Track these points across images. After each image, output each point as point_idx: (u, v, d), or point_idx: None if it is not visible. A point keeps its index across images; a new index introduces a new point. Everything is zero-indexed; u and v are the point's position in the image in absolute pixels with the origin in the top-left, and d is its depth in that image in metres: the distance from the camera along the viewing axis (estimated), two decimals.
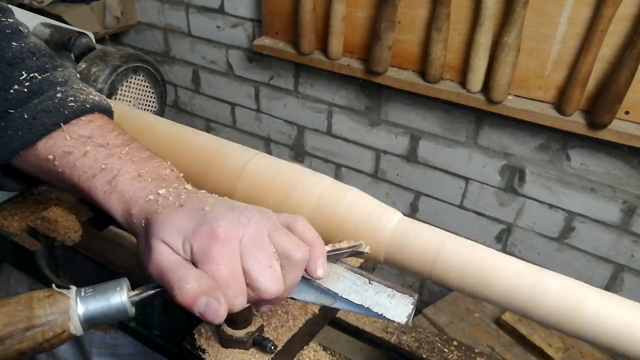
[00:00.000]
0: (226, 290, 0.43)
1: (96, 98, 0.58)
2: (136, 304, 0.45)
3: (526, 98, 1.47)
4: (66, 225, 0.93)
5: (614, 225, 1.54)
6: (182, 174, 0.53)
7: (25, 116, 0.53)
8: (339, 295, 0.52)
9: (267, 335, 0.66)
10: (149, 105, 1.10)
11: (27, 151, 0.54)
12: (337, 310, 0.79)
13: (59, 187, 0.56)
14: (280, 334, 0.68)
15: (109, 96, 0.99)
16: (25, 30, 0.60)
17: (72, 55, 1.04)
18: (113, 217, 0.50)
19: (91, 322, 0.43)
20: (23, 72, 0.55)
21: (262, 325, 0.66)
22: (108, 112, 0.59)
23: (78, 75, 0.62)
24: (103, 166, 0.51)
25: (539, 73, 1.42)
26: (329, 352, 0.72)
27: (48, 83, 0.56)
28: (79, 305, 0.43)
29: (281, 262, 0.45)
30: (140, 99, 1.07)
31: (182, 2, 2.12)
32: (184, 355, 0.67)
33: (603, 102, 1.31)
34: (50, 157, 0.53)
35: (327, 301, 0.54)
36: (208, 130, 2.40)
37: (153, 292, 0.45)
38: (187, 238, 0.44)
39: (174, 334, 0.79)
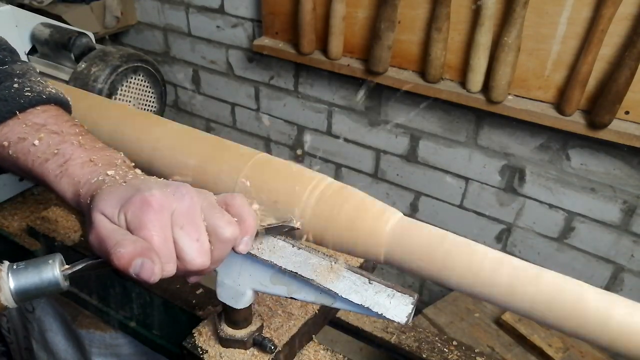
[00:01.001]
0: (159, 256, 0.45)
1: (52, 90, 0.60)
2: (71, 278, 0.46)
3: (526, 98, 1.47)
4: (66, 225, 0.93)
5: (614, 225, 1.54)
6: (133, 164, 0.55)
7: None
8: (339, 295, 0.52)
9: (267, 335, 0.66)
10: (149, 105, 1.10)
11: None
12: (337, 310, 0.79)
13: (14, 173, 0.59)
14: (280, 334, 0.68)
15: (109, 96, 0.99)
16: None
17: (72, 55, 1.04)
18: (64, 199, 0.52)
19: (22, 295, 0.45)
20: None
21: (262, 325, 0.66)
22: (65, 105, 0.62)
23: (37, 70, 0.65)
24: (55, 151, 0.53)
25: (539, 73, 1.42)
26: (329, 352, 0.72)
27: (6, 74, 0.59)
28: (10, 278, 0.44)
29: (210, 238, 0.47)
30: (140, 99, 1.07)
31: (182, 2, 2.12)
32: (184, 355, 0.67)
33: (603, 102, 1.31)
34: (5, 143, 0.55)
35: (327, 301, 0.54)
36: (208, 130, 2.40)
37: (86, 264, 0.47)
38: (122, 208, 0.46)
39: (174, 334, 0.79)
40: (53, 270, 0.45)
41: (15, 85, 0.58)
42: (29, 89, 0.58)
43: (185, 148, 0.68)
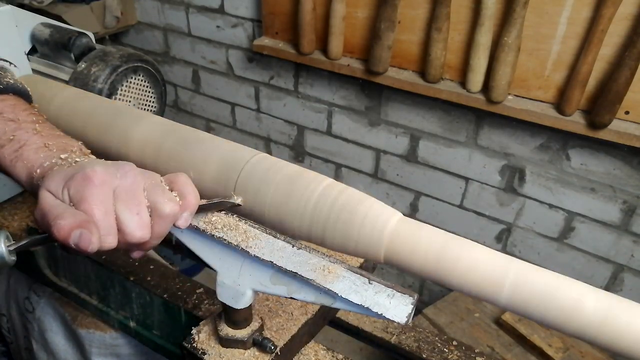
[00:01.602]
0: (97, 228, 0.46)
1: (11, 81, 0.62)
2: (17, 252, 0.48)
3: (526, 98, 1.47)
4: None
5: (614, 225, 1.54)
6: (90, 152, 0.57)
7: None
8: (339, 295, 0.52)
9: (267, 335, 0.66)
10: (149, 105, 1.10)
11: None
12: (337, 310, 0.79)
13: None
14: (280, 334, 0.68)
15: (109, 96, 0.99)
16: None
17: (72, 55, 1.04)
18: (19, 183, 0.54)
19: None
20: None
21: (262, 325, 0.66)
22: (24, 95, 0.63)
23: (1, 63, 0.65)
24: (11, 137, 0.55)
25: (539, 73, 1.42)
26: (329, 352, 0.72)
27: None
28: None
29: (151, 214, 0.49)
30: (140, 99, 1.07)
31: (182, 2, 2.12)
32: (184, 355, 0.67)
33: (603, 102, 1.31)
34: None
35: (327, 301, 0.54)
36: (208, 130, 2.40)
37: (30, 239, 0.48)
38: (66, 184, 0.48)
39: (174, 334, 0.79)
40: None
41: None
42: None
43: (180, 151, 0.68)
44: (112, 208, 0.47)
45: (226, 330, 0.65)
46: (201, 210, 0.54)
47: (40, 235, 0.48)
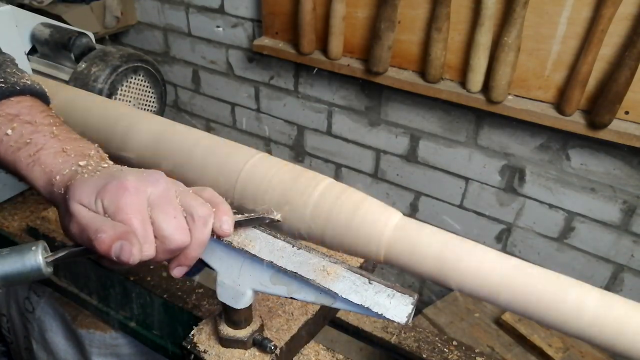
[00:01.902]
0: (137, 238, 0.46)
1: (28, 82, 0.60)
2: (54, 265, 0.47)
3: (526, 98, 1.47)
4: None
5: (614, 225, 1.54)
6: (107, 155, 0.56)
7: None
8: (339, 295, 0.52)
9: (267, 335, 0.66)
10: (149, 105, 1.10)
11: None
12: (337, 310, 0.79)
13: None
14: (280, 334, 0.68)
15: (109, 96, 0.99)
16: None
17: (72, 55, 1.04)
18: (36, 188, 0.53)
19: (5, 280, 0.46)
20: None
21: (262, 325, 0.66)
22: (41, 96, 0.62)
23: (15, 60, 0.65)
24: (28, 140, 0.54)
25: (539, 73, 1.42)
26: (329, 352, 0.72)
27: None
28: None
29: (187, 218, 0.49)
30: (140, 99, 1.07)
31: (182, 2, 2.12)
32: (184, 355, 0.67)
33: (603, 102, 1.31)
34: None
35: (327, 301, 0.54)
36: (208, 130, 2.40)
37: (68, 251, 0.48)
38: (98, 194, 0.47)
39: (174, 334, 0.79)
40: (36, 257, 0.46)
41: None
42: (2, 80, 0.58)
43: (180, 151, 0.68)
44: (148, 216, 0.47)
45: (226, 330, 0.65)
46: (239, 226, 0.53)
47: (78, 248, 0.47)
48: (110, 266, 0.48)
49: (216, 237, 0.52)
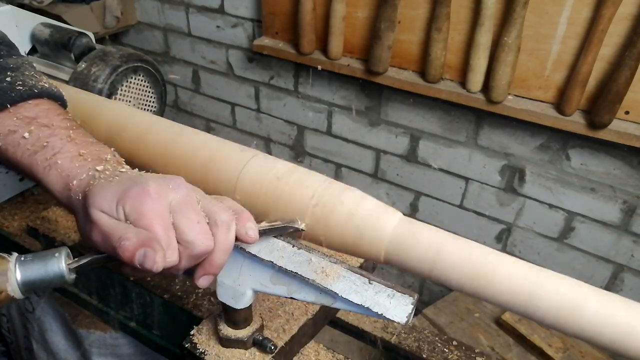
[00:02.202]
0: (161, 245, 0.45)
1: (46, 85, 0.60)
2: (76, 271, 0.47)
3: (526, 98, 1.47)
4: (66, 225, 0.93)
5: (614, 225, 1.54)
6: (123, 160, 0.55)
7: None
8: (339, 295, 0.52)
9: (267, 335, 0.66)
10: (149, 105, 1.10)
11: None
12: (337, 310, 0.79)
13: (4, 166, 0.58)
14: (280, 334, 0.68)
15: (109, 96, 0.99)
16: None
17: (72, 55, 1.04)
18: (51, 193, 0.52)
19: (29, 286, 0.45)
20: None
21: (262, 325, 0.66)
22: (58, 99, 0.61)
23: (34, 64, 0.64)
24: (45, 144, 0.53)
25: (539, 73, 1.42)
26: (329, 352, 0.72)
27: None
28: (17, 269, 0.45)
29: (210, 224, 0.48)
30: (140, 99, 1.07)
31: (182, 2, 2.12)
32: (184, 355, 0.67)
33: (603, 102, 1.31)
34: None
35: (327, 301, 0.54)
36: (208, 130, 2.40)
37: (91, 258, 0.47)
38: (119, 201, 0.46)
39: (174, 334, 0.79)
40: (59, 263, 0.46)
41: (8, 79, 0.58)
42: (21, 82, 0.58)
43: (180, 151, 0.68)
44: (170, 222, 0.46)
45: (226, 330, 0.65)
46: (263, 234, 0.53)
47: (100, 255, 0.47)
48: (132, 274, 0.48)
49: (240, 244, 0.51)
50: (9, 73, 0.59)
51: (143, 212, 0.45)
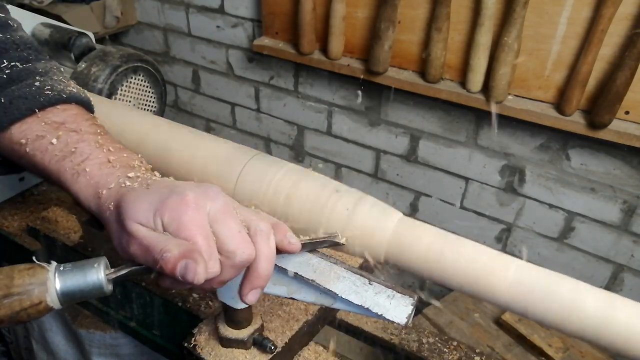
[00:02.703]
0: (202, 256, 0.44)
1: (74, 90, 0.60)
2: (114, 282, 0.46)
3: (526, 98, 1.47)
4: (66, 226, 0.93)
5: (614, 225, 1.54)
6: (151, 166, 0.55)
7: (2, 100, 0.55)
8: (339, 295, 0.52)
9: (267, 335, 0.66)
10: (149, 105, 1.10)
11: (1, 134, 0.56)
12: (337, 310, 0.79)
13: (31, 172, 0.58)
14: (280, 334, 0.68)
15: (109, 96, 0.99)
16: (15, 25, 0.64)
17: (72, 55, 1.04)
18: (79, 200, 0.51)
19: (68, 296, 0.44)
20: (4, 61, 0.58)
21: (262, 325, 0.66)
22: (86, 105, 0.61)
23: (62, 69, 0.64)
24: (73, 150, 0.53)
25: (539, 73, 1.42)
26: (329, 352, 0.72)
27: (28, 72, 0.59)
28: (57, 279, 0.44)
29: (249, 233, 0.47)
30: (140, 99, 1.07)
31: (182, 2, 2.12)
32: (184, 355, 0.67)
33: (603, 102, 1.31)
34: (23, 141, 0.55)
35: (327, 301, 0.54)
36: (208, 130, 2.40)
37: (130, 269, 0.46)
38: (157, 211, 0.45)
39: (174, 334, 0.79)
40: (98, 274, 0.45)
41: (37, 84, 0.57)
42: (49, 87, 0.57)
43: (181, 151, 0.68)
44: (211, 231, 0.45)
45: (226, 330, 0.65)
46: (304, 248, 0.52)
47: (140, 267, 0.46)
48: (171, 286, 0.47)
49: (281, 256, 0.50)
50: (37, 77, 0.58)
51: (183, 222, 0.44)
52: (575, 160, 1.52)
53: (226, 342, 0.65)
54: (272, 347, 0.64)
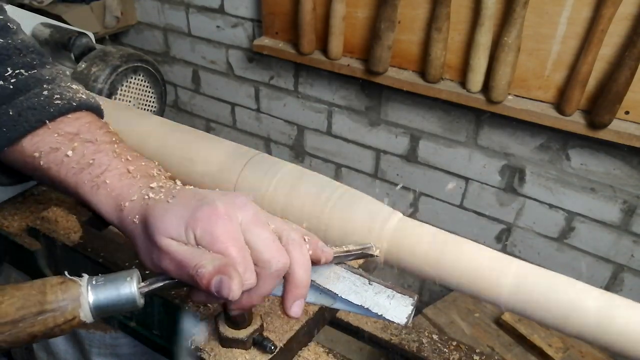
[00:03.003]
0: (237, 270, 0.43)
1: (83, 96, 0.57)
2: (145, 295, 0.45)
3: (526, 98, 1.47)
4: (66, 226, 0.92)
5: (614, 225, 1.54)
6: (169, 174, 0.53)
7: (10, 113, 0.53)
8: (339, 295, 0.52)
9: (267, 335, 0.66)
10: (149, 105, 1.10)
11: (12, 148, 0.54)
12: (337, 310, 0.79)
13: (46, 185, 0.57)
14: (280, 334, 0.68)
15: (109, 96, 0.99)
16: (15, 27, 0.60)
17: (72, 55, 1.04)
18: (99, 212, 0.50)
19: (101, 310, 0.44)
20: (8, 69, 0.56)
21: (262, 325, 0.66)
22: (97, 111, 0.59)
23: (68, 73, 0.62)
24: (91, 161, 0.51)
25: (539, 73, 1.42)
26: (329, 352, 0.72)
27: (34, 80, 0.56)
28: (90, 293, 0.43)
29: (281, 242, 0.46)
30: (140, 99, 1.07)
31: (182, 2, 2.12)
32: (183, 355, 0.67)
33: (603, 102, 1.31)
34: (36, 154, 0.53)
35: (327, 301, 0.54)
36: (208, 130, 2.40)
37: (163, 283, 0.46)
38: (188, 225, 0.44)
39: (174, 334, 0.79)
40: (131, 287, 0.44)
41: (45, 93, 0.55)
42: (58, 95, 0.55)
43: (181, 151, 0.68)
44: (244, 242, 0.44)
45: (226, 330, 0.65)
46: (339, 260, 0.51)
47: (173, 280, 0.45)
48: (207, 300, 0.46)
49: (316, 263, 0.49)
50: (45, 86, 0.56)
51: (216, 235, 0.43)
52: (575, 160, 1.52)
53: (226, 342, 0.65)
54: (272, 347, 0.64)
